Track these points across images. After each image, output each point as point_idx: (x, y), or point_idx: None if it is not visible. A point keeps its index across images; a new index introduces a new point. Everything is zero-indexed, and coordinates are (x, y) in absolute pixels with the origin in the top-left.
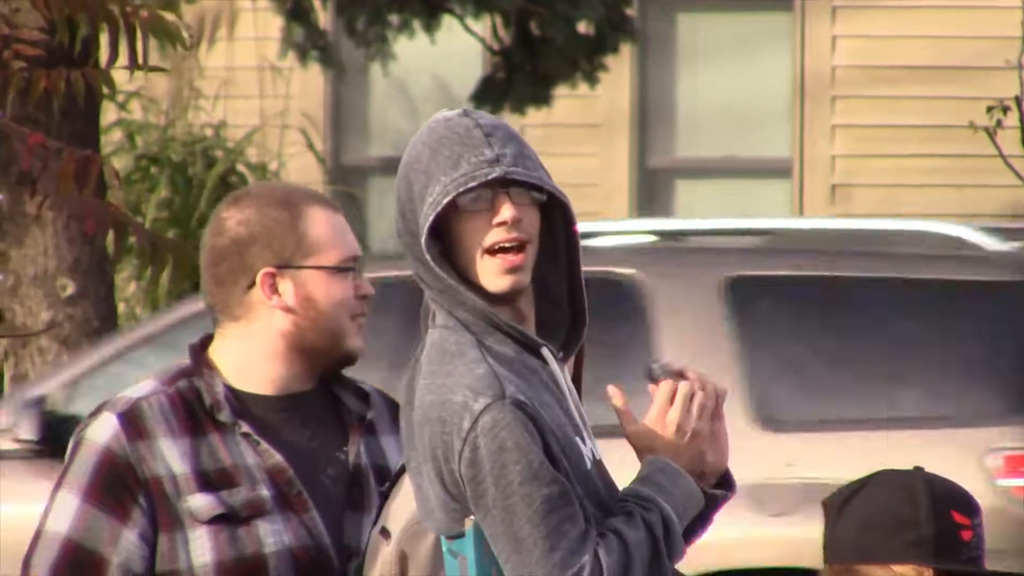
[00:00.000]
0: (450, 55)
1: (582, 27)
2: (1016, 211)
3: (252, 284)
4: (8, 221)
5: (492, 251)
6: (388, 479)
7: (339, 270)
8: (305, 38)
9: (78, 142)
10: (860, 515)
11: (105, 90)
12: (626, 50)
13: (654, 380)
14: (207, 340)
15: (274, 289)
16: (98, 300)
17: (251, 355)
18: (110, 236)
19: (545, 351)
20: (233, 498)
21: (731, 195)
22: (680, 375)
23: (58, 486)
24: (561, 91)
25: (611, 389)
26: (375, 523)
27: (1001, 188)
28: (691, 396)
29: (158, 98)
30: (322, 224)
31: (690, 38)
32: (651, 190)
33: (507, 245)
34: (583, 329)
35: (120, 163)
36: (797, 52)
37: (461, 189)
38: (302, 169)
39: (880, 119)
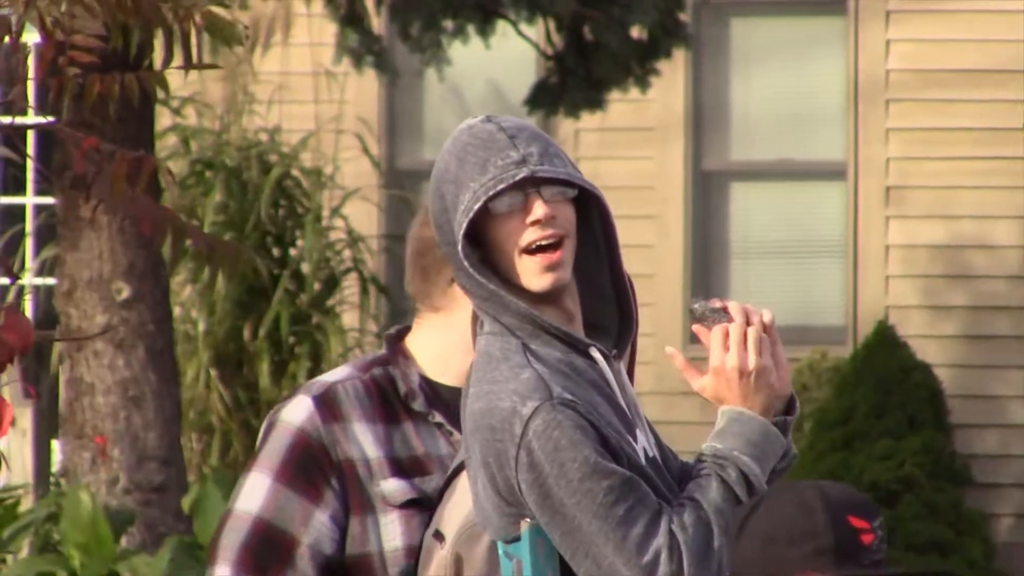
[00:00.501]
0: (504, 60)
1: (635, 32)
2: None
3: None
4: (63, 225)
5: (530, 251)
6: None
7: None
8: (359, 43)
9: (132, 146)
10: (760, 532)
11: (160, 93)
12: (680, 54)
13: (698, 320)
14: (403, 331)
15: None
16: (153, 303)
17: (449, 346)
18: (167, 239)
19: (594, 351)
20: (425, 485)
21: (786, 198)
22: (724, 311)
23: (250, 467)
24: (615, 95)
25: (669, 350)
26: (428, 525)
27: None
28: (744, 335)
29: (213, 103)
30: None
31: (744, 42)
32: (706, 193)
33: (544, 243)
34: (632, 324)
35: (175, 168)
36: (851, 56)
37: (491, 193)
38: (357, 174)
39: (934, 122)
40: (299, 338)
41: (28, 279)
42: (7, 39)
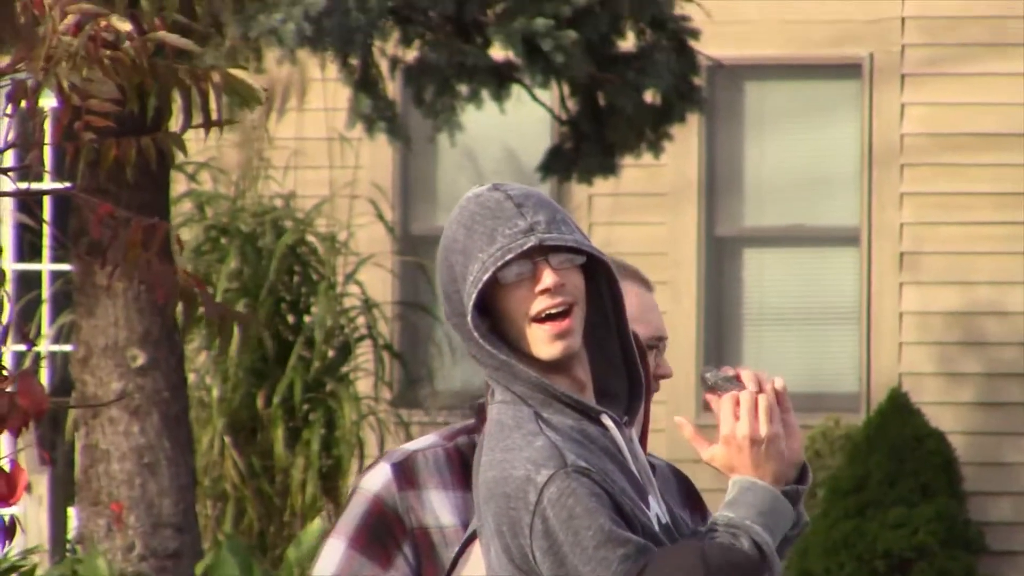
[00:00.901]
0: (519, 124)
1: (649, 96)
2: None
3: None
4: (79, 292)
5: (539, 319)
6: None
7: (648, 346)
8: (373, 108)
9: (148, 212)
10: None
11: (177, 156)
12: (694, 118)
13: (710, 389)
14: None
15: None
16: (168, 370)
17: None
18: (179, 306)
19: (605, 418)
20: None
21: (799, 264)
22: (736, 379)
23: (329, 533)
24: (628, 160)
25: (678, 419)
26: None
27: None
28: (755, 402)
29: (228, 169)
30: (633, 298)
31: (758, 106)
32: (719, 259)
33: (553, 311)
34: (641, 390)
35: (190, 234)
36: (865, 120)
37: (500, 263)
38: (371, 239)
39: (949, 187)
40: (313, 405)
41: (44, 346)
42: (24, 103)
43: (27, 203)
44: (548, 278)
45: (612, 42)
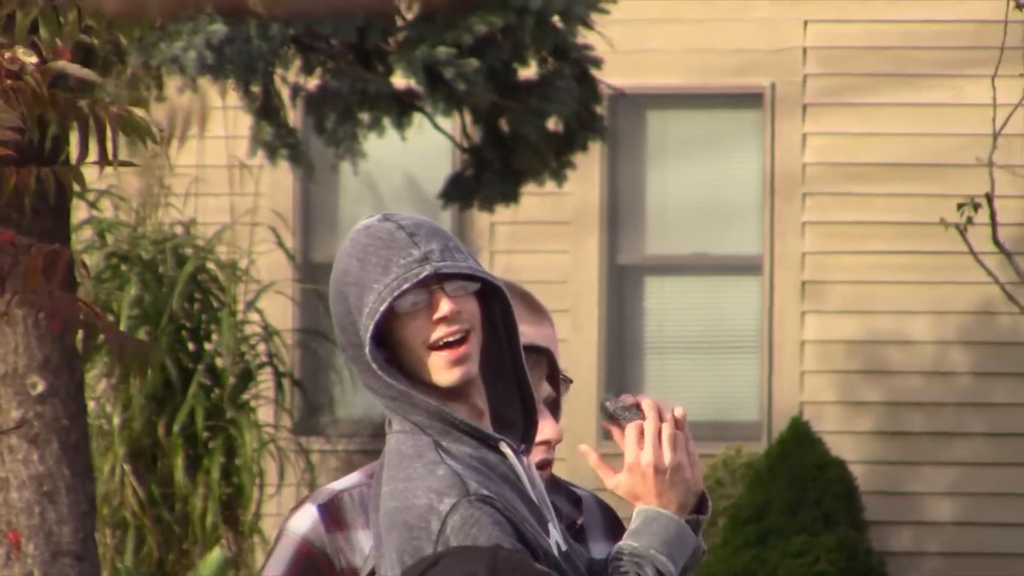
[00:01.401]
0: (421, 152)
1: (551, 124)
2: (987, 308)
3: None
4: None
5: (437, 347)
6: None
7: None
8: (274, 136)
9: (49, 239)
10: None
11: (76, 187)
12: (596, 147)
13: (610, 418)
14: None
15: None
16: (68, 398)
17: None
18: (78, 335)
19: (503, 446)
20: None
21: (701, 293)
22: (636, 407)
23: (260, 575)
24: (531, 188)
25: (583, 447)
26: None
27: (973, 285)
28: (658, 431)
29: (128, 197)
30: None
31: (660, 135)
32: (620, 287)
33: (451, 339)
34: (535, 417)
35: (91, 261)
36: (767, 149)
37: (396, 294)
38: (272, 266)
39: (851, 216)
40: (213, 433)
41: None
42: None
43: None
44: (445, 306)
45: (514, 70)
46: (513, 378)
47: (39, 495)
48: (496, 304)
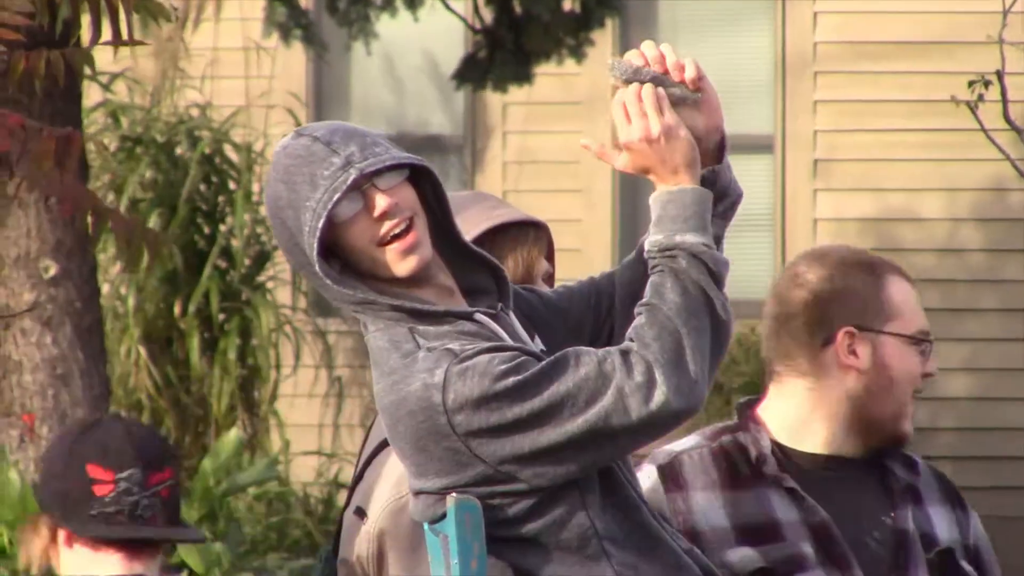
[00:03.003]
0: (433, 33)
1: (567, 4)
2: (998, 185)
3: (828, 342)
4: None
5: (385, 242)
6: (934, 547)
7: (915, 341)
8: (288, 17)
9: (60, 123)
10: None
11: (87, 70)
12: (607, 28)
13: (623, 81)
14: (753, 401)
15: (852, 350)
16: (80, 281)
17: (810, 412)
18: (88, 220)
19: (478, 315)
20: (775, 553)
21: None
22: (645, 67)
23: None
24: (543, 69)
25: (583, 141)
26: (347, 505)
27: (984, 162)
28: (638, 99)
29: (143, 80)
30: (903, 293)
31: (671, 15)
32: None
33: (396, 231)
34: (503, 273)
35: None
36: (778, 28)
37: (330, 206)
38: None
39: (862, 94)
40: (229, 315)
41: None
42: None
43: None
44: (381, 202)
45: None
46: (465, 248)
47: (53, 378)
48: (426, 183)
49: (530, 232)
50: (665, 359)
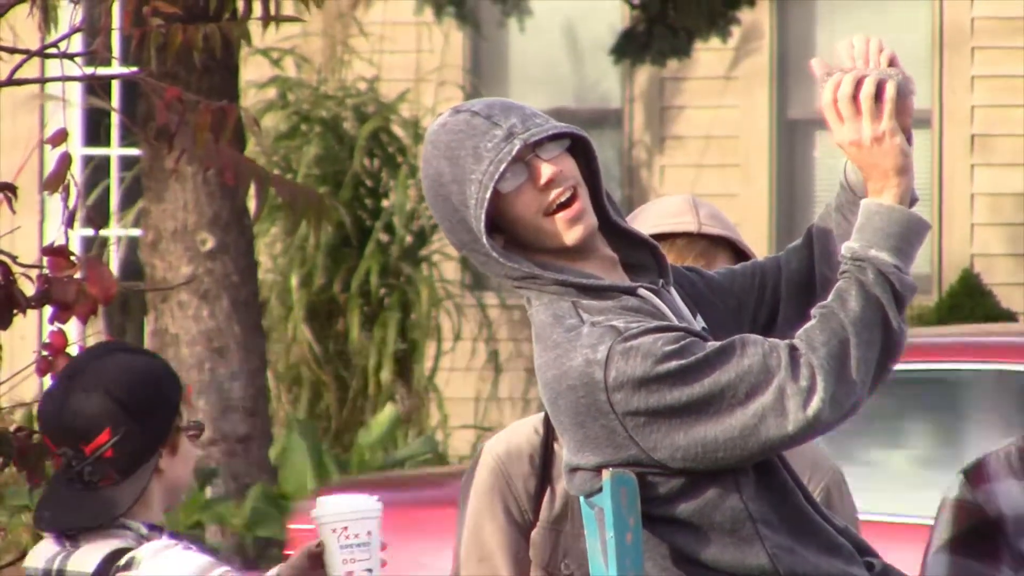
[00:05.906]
0: (589, 8)
1: None
2: None
3: None
4: (148, 177)
5: (551, 212)
6: None
7: None
8: None
9: (217, 96)
10: None
11: (243, 45)
12: (764, 3)
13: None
14: None
15: None
16: (238, 254)
17: None
18: (250, 189)
19: (642, 291)
20: None
21: None
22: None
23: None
24: (700, 44)
25: (813, 61)
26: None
27: None
28: (852, 100)
29: (311, 57)
30: None
31: None
32: (791, 142)
33: (562, 200)
34: (659, 250)
35: (273, 120)
36: (936, 3)
37: (497, 176)
38: None
39: (1020, 69)
40: (389, 290)
41: (113, 230)
42: None
43: (95, 88)
44: (546, 170)
45: None
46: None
47: (209, 351)
48: (582, 156)
49: (714, 245)
50: (829, 366)
